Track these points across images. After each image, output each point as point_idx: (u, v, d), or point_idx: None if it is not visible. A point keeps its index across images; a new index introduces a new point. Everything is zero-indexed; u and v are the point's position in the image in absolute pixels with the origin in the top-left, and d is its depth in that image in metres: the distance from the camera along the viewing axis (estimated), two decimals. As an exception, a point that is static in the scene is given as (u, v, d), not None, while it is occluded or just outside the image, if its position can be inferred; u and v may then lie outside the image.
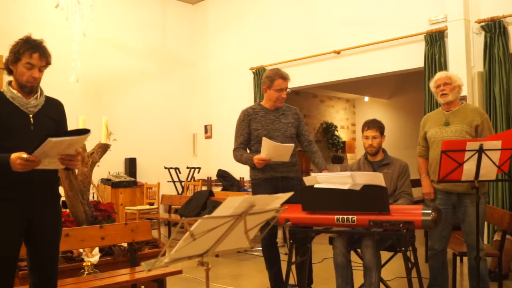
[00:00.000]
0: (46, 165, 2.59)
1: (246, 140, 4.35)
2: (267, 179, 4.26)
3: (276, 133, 4.27)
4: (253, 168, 4.34)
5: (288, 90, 4.33)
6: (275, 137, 4.22)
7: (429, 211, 3.25)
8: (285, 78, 4.28)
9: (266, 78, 4.31)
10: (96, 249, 4.34)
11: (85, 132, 2.60)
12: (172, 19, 10.59)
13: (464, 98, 6.26)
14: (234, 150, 4.37)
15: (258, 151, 4.17)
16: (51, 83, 3.06)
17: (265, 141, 3.98)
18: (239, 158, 4.30)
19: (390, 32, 7.42)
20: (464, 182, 3.60)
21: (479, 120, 3.95)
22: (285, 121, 4.34)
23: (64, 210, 4.48)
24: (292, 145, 4.16)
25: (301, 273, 4.05)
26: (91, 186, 5.16)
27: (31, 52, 2.73)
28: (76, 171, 4.68)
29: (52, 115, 2.91)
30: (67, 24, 6.99)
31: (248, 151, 4.40)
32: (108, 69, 9.39)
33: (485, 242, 5.80)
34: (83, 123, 4.78)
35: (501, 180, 5.67)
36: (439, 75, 4.14)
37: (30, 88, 2.79)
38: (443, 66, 6.67)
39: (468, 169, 3.50)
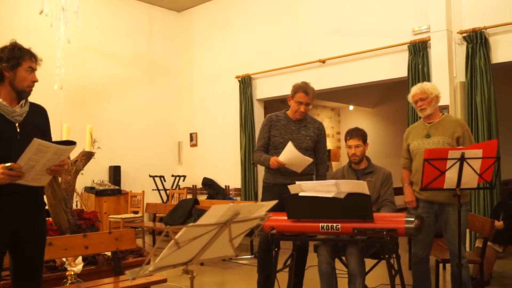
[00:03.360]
0: (30, 181, 2.57)
1: (267, 144, 4.46)
2: (277, 184, 4.34)
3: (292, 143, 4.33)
4: (267, 171, 4.48)
5: (309, 106, 4.40)
6: None
7: (412, 219, 3.29)
8: (307, 93, 4.34)
9: (292, 88, 4.43)
10: (80, 258, 4.31)
11: (71, 143, 2.59)
12: (157, 26, 10.59)
13: (446, 108, 6.34)
14: (255, 152, 4.54)
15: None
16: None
17: (289, 146, 4.08)
18: (258, 159, 4.45)
19: (374, 42, 7.50)
20: (446, 190, 3.64)
21: (460, 131, 4.00)
22: (304, 133, 4.42)
23: (47, 218, 4.44)
24: (311, 160, 4.25)
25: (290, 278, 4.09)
26: (75, 194, 5.13)
27: (30, 56, 2.74)
28: (60, 179, 4.65)
29: (38, 122, 2.88)
30: (52, 31, 6.96)
31: None
32: (93, 76, 9.35)
33: (467, 249, 5.86)
34: (67, 131, 4.75)
35: (482, 188, 5.71)
36: (414, 90, 4.15)
37: (28, 93, 2.79)
38: (426, 76, 6.75)
39: (450, 177, 3.54)
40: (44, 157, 2.48)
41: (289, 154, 4.10)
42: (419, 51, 6.89)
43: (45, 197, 3.44)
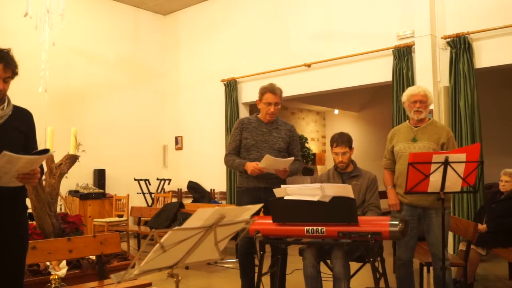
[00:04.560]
0: (6, 183, 2.54)
1: (238, 147, 4.46)
2: (251, 188, 4.36)
3: (264, 145, 4.37)
4: (240, 175, 4.47)
5: (279, 106, 4.40)
6: (262, 149, 4.34)
7: (397, 222, 3.31)
8: (274, 92, 4.35)
9: (259, 91, 4.44)
10: (64, 262, 4.28)
11: (44, 152, 2.56)
12: (143, 29, 10.56)
13: (430, 112, 6.38)
14: (226, 155, 4.51)
15: (245, 159, 4.35)
16: (19, 93, 3.02)
17: (267, 158, 4.09)
18: (231, 163, 4.45)
19: (359, 47, 7.55)
20: (430, 193, 3.67)
21: (445, 138, 4.05)
22: (276, 135, 4.43)
23: (31, 222, 4.41)
24: (292, 158, 4.26)
25: (273, 282, 4.09)
26: (59, 198, 5.09)
27: None
28: (44, 182, 4.61)
29: (20, 126, 2.83)
30: (36, 33, 6.91)
31: None
32: (78, 79, 9.29)
33: (451, 252, 5.92)
34: (51, 134, 4.72)
35: (466, 192, 5.80)
36: (416, 90, 4.14)
37: None
38: (411, 81, 6.81)
39: (434, 181, 3.58)
40: (17, 165, 2.45)
41: (269, 162, 4.12)
42: (403, 56, 6.95)
43: (28, 200, 3.41)
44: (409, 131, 4.16)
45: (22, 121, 2.87)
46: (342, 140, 4.14)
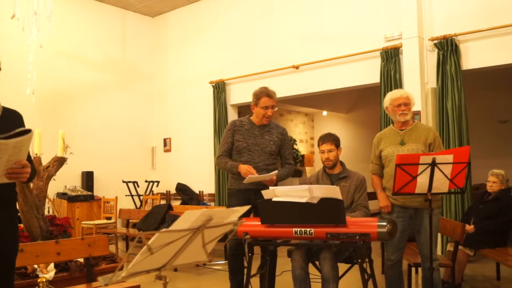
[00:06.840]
0: None
1: (230, 149, 4.48)
2: (241, 190, 4.38)
3: (255, 148, 4.40)
4: (231, 177, 4.49)
5: (275, 109, 4.47)
6: (253, 151, 4.38)
7: (384, 223, 3.33)
8: (271, 96, 4.42)
9: (253, 96, 4.49)
10: (51, 265, 4.25)
11: (27, 132, 2.52)
12: (131, 31, 10.52)
13: (418, 113, 6.43)
14: (218, 157, 4.53)
15: (237, 161, 4.38)
16: (6, 95, 2.98)
17: (250, 178, 4.16)
18: (223, 165, 4.45)
19: (347, 48, 7.58)
20: (418, 194, 3.70)
21: (432, 138, 4.09)
22: (268, 138, 4.47)
23: (19, 225, 4.37)
24: (275, 172, 4.29)
25: (262, 284, 4.10)
26: (47, 200, 5.05)
27: None
28: (31, 185, 4.57)
29: (10, 127, 2.79)
30: (24, 35, 6.87)
31: None
32: (66, 81, 9.25)
33: (439, 253, 5.95)
34: (38, 136, 4.69)
35: (453, 193, 5.84)
36: (398, 93, 4.19)
37: None
38: (398, 82, 6.85)
39: (422, 182, 3.60)
40: (6, 153, 2.41)
41: (252, 180, 4.19)
42: (391, 58, 6.99)
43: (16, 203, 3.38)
44: (395, 135, 4.18)
45: (12, 122, 2.83)
46: (328, 138, 4.20)
